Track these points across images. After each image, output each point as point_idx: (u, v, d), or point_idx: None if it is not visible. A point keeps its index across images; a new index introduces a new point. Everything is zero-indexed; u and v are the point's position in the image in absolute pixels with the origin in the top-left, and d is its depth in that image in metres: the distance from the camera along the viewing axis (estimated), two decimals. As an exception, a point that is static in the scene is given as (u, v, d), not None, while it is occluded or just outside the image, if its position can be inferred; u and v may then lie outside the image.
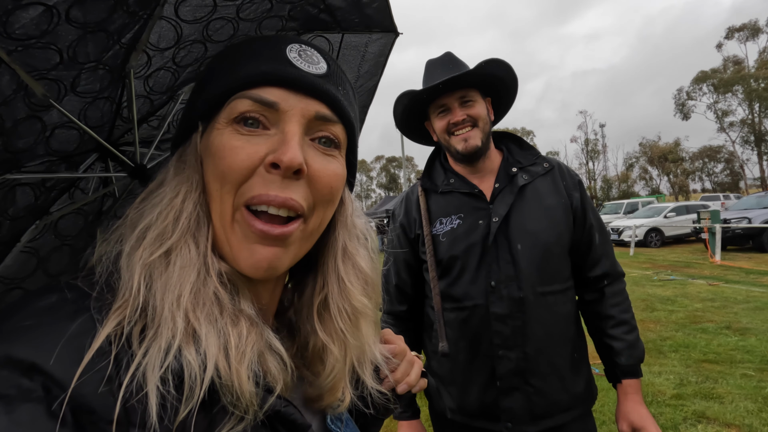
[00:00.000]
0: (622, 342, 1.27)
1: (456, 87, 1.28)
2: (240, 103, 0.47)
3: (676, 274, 9.02)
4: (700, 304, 6.38)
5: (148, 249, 0.43)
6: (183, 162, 0.49)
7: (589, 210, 1.33)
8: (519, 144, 1.43)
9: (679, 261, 11.21)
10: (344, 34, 0.98)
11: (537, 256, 1.23)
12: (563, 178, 1.34)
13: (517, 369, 1.20)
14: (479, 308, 1.23)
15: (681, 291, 7.35)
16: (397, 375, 0.66)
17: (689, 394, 3.51)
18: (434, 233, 1.33)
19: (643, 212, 17.48)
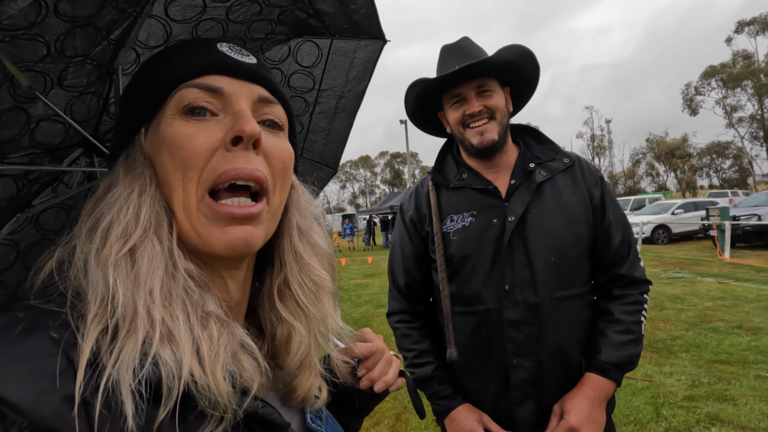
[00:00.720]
0: (607, 339, 1.15)
1: (473, 75, 1.18)
2: (186, 93, 0.48)
3: (684, 272, 8.90)
4: (710, 302, 6.27)
5: (115, 247, 0.43)
6: (131, 161, 0.48)
7: (610, 208, 1.23)
8: (537, 138, 1.33)
9: (688, 258, 11.06)
10: (333, 40, 1.00)
11: (555, 259, 1.14)
12: (584, 174, 1.25)
13: (531, 378, 1.13)
14: (492, 313, 1.15)
15: (690, 289, 7.23)
16: (374, 374, 0.67)
17: (702, 395, 3.43)
18: (444, 231, 1.24)
19: (650, 209, 17.29)
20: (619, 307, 1.19)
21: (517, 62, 1.21)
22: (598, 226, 1.21)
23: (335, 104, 1.19)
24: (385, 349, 0.70)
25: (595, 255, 1.23)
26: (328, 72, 1.08)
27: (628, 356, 1.14)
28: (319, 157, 1.33)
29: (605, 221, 1.22)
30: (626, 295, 1.20)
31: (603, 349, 1.14)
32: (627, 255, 1.22)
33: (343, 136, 1.32)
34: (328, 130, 1.26)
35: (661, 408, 3.28)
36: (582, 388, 1.12)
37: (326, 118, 1.21)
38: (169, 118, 0.47)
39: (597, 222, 1.21)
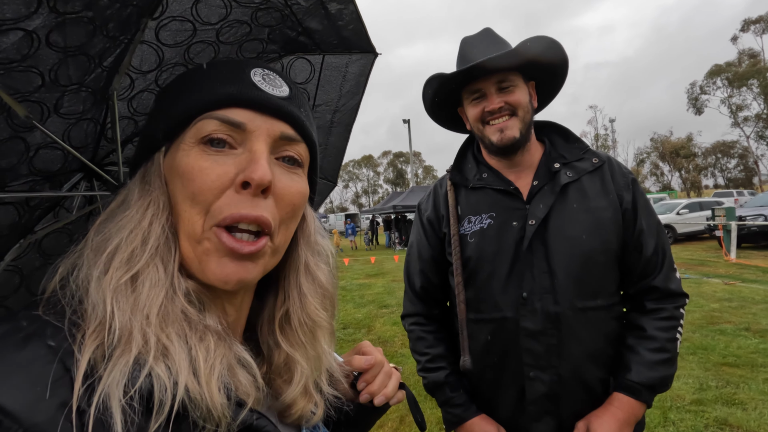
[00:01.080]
0: (639, 357, 1.06)
1: (493, 70, 1.11)
2: (207, 124, 0.48)
3: (690, 273, 8.82)
4: (717, 304, 6.21)
5: (117, 273, 0.43)
6: (147, 182, 0.49)
7: (642, 213, 1.13)
8: (565, 136, 1.24)
9: (693, 259, 10.98)
10: (325, 56, 1.01)
11: (578, 266, 1.07)
12: (614, 176, 1.16)
13: (550, 393, 1.07)
14: (508, 322, 1.09)
15: (696, 290, 7.16)
16: (374, 387, 0.66)
17: (710, 399, 3.38)
18: (462, 233, 1.18)
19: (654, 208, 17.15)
20: (652, 322, 1.09)
21: (542, 55, 1.12)
22: (628, 233, 1.12)
23: (330, 119, 1.19)
24: (384, 361, 0.70)
25: (624, 264, 1.14)
26: (322, 87, 1.08)
27: (662, 377, 1.05)
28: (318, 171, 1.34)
29: (636, 227, 1.12)
30: (660, 309, 1.11)
31: (634, 367, 1.06)
32: (661, 265, 1.12)
33: (340, 150, 1.32)
34: (325, 144, 1.26)
35: (669, 412, 3.23)
36: (609, 408, 1.05)
37: (322, 133, 1.22)
38: (187, 146, 0.48)
39: (627, 228, 1.12)
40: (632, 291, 1.15)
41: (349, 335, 5.67)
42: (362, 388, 0.67)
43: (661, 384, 1.06)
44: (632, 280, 1.14)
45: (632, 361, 1.07)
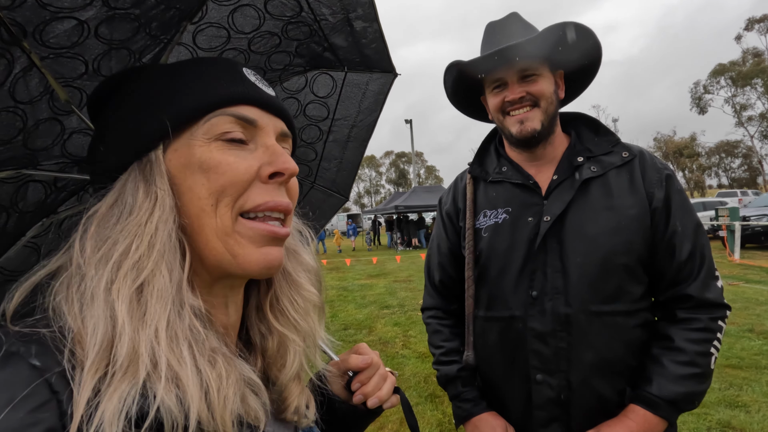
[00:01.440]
0: (662, 369, 0.96)
1: (516, 58, 1.04)
2: (221, 120, 0.48)
3: (693, 273, 8.77)
4: (720, 305, 6.16)
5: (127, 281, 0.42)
6: (151, 182, 0.47)
7: (676, 213, 1.03)
8: (594, 128, 1.15)
9: (696, 259, 10.90)
10: (347, 73, 1.04)
11: (595, 267, 1.00)
12: (645, 171, 1.06)
13: (558, 398, 1.01)
14: (516, 321, 1.05)
15: (699, 291, 7.12)
16: (369, 388, 0.66)
17: (712, 401, 3.35)
18: (477, 227, 1.15)
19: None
20: (681, 332, 0.99)
21: (569, 43, 1.05)
22: (658, 234, 1.02)
23: (348, 133, 1.22)
24: (380, 364, 0.70)
25: (655, 268, 1.04)
26: (342, 102, 1.12)
27: (687, 393, 0.95)
28: (331, 184, 1.37)
29: (669, 228, 1.02)
30: (693, 319, 1.00)
31: (655, 379, 0.97)
32: (697, 271, 1.01)
33: (355, 165, 1.35)
34: (340, 158, 1.28)
35: (671, 414, 3.21)
36: (624, 421, 0.96)
37: (339, 147, 1.24)
38: (202, 142, 0.48)
39: (658, 228, 1.02)
40: (663, 298, 1.05)
41: (350, 336, 5.66)
42: (356, 389, 0.66)
43: (686, 400, 0.96)
44: (663, 287, 1.05)
45: (654, 372, 0.98)
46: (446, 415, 3.32)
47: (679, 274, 1.02)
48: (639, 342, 1.03)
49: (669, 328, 1.02)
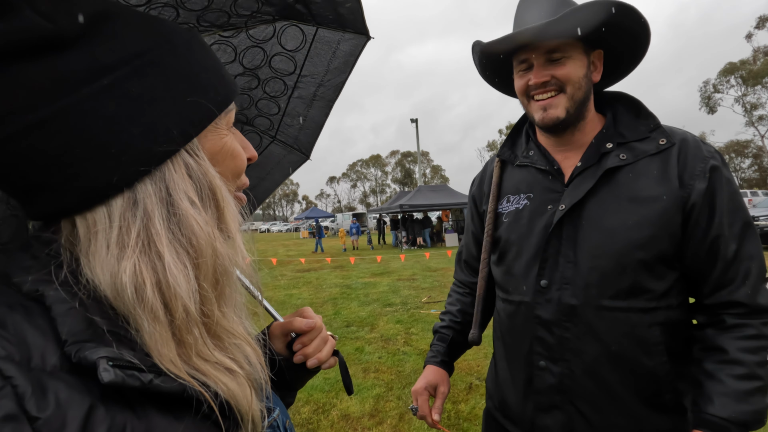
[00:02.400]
0: (722, 386, 0.86)
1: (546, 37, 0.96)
2: (232, 111, 0.52)
3: (700, 273, 8.68)
4: (726, 304, 6.10)
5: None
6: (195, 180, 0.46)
7: (721, 210, 0.92)
8: (636, 110, 1.05)
9: (704, 259, 10.79)
10: (318, 28, 1.01)
11: (608, 261, 0.95)
12: (685, 160, 0.95)
13: (560, 386, 1.00)
14: (524, 306, 1.06)
15: (705, 291, 7.05)
16: (309, 350, 0.70)
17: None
18: (499, 211, 1.16)
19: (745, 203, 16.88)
20: (735, 342, 0.89)
21: (609, 22, 0.95)
22: (699, 231, 0.93)
23: (314, 91, 1.20)
24: (322, 327, 0.74)
25: (695, 270, 0.96)
26: (311, 59, 1.09)
27: (755, 411, 0.84)
28: (294, 141, 1.35)
29: (713, 226, 0.92)
30: (744, 325, 0.90)
31: (717, 399, 0.86)
32: (746, 274, 0.91)
33: (319, 124, 1.33)
34: (304, 115, 1.27)
35: (672, 413, 3.19)
36: None
37: (303, 104, 1.23)
38: (223, 130, 0.50)
39: (698, 225, 0.93)
40: (708, 302, 0.96)
41: (353, 333, 5.68)
42: (298, 349, 0.71)
43: (756, 420, 0.85)
44: (707, 291, 0.96)
45: (714, 391, 0.87)
46: (445, 410, 3.33)
47: (724, 276, 0.92)
48: (656, 341, 0.95)
49: (719, 338, 0.92)
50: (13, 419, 0.31)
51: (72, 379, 0.36)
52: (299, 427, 3.31)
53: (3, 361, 0.33)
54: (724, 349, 0.90)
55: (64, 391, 0.35)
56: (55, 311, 0.38)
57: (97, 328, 0.39)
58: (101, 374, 0.35)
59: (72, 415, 0.34)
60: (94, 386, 0.36)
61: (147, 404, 0.39)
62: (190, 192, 0.44)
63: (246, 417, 0.45)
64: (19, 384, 0.33)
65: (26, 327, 0.37)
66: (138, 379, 0.37)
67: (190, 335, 0.42)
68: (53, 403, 0.33)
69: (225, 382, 0.44)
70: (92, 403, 0.35)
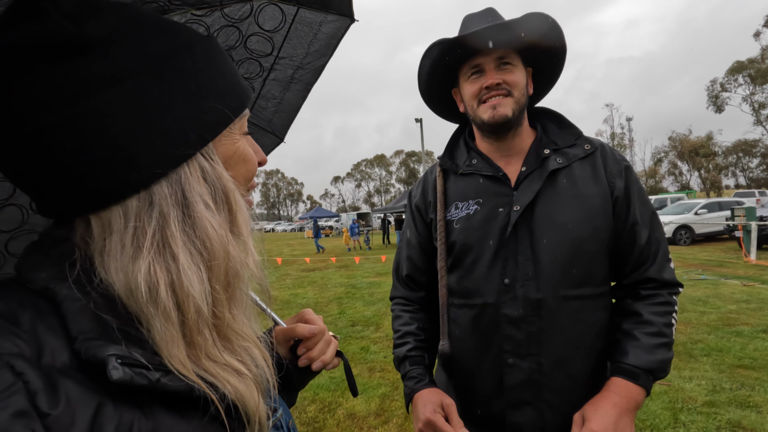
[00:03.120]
0: (636, 341, 1.03)
1: (495, 46, 1.08)
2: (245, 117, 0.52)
3: (707, 274, 8.61)
4: (734, 305, 6.05)
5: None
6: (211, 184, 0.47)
7: (636, 202, 1.10)
8: (558, 122, 1.22)
9: (711, 260, 10.71)
10: (299, 8, 0.96)
11: (564, 253, 1.05)
12: (606, 162, 1.13)
13: (529, 381, 1.05)
14: (489, 307, 1.08)
15: (713, 291, 6.99)
16: (314, 353, 0.71)
17: (723, 401, 3.30)
18: (448, 218, 1.18)
19: (672, 209, 16.80)
20: (648, 307, 1.07)
21: (543, 34, 1.09)
22: (621, 222, 1.10)
23: (291, 74, 1.15)
24: (325, 330, 0.74)
25: (618, 254, 1.12)
26: (289, 40, 1.04)
27: (660, 361, 1.02)
28: (267, 123, 1.29)
29: (630, 216, 1.10)
30: (655, 295, 1.08)
31: (631, 351, 1.02)
32: (655, 255, 1.10)
33: (295, 108, 1.29)
34: (280, 98, 1.22)
35: (680, 413, 3.17)
36: (607, 394, 0.99)
37: (280, 86, 1.17)
38: (237, 135, 0.51)
39: (620, 217, 1.10)
40: (626, 281, 1.13)
41: (358, 332, 5.69)
42: (302, 353, 0.72)
43: (660, 368, 1.02)
44: (627, 271, 1.12)
45: (629, 345, 1.04)
46: (451, 410, 3.32)
47: (640, 257, 1.10)
48: (602, 324, 1.09)
49: (635, 305, 1.09)
50: (25, 415, 0.31)
51: (81, 377, 0.36)
52: (305, 425, 3.32)
53: (15, 357, 0.34)
54: (639, 313, 1.06)
55: (74, 388, 0.35)
56: (65, 308, 0.38)
57: (107, 326, 0.39)
58: (110, 372, 0.35)
59: (81, 413, 0.34)
60: (102, 384, 0.36)
61: (154, 403, 0.39)
62: (205, 195, 0.44)
63: (253, 418, 0.46)
64: (31, 380, 0.33)
65: (37, 324, 0.37)
66: (146, 377, 0.38)
67: (201, 336, 0.43)
68: (63, 400, 0.33)
69: (233, 384, 0.44)
70: (101, 401, 0.35)
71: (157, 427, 0.38)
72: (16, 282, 0.41)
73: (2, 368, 0.33)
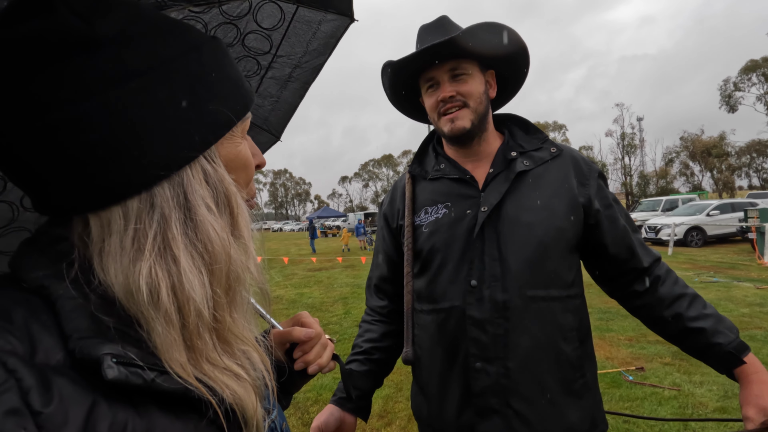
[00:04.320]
0: (710, 319, 1.05)
1: (446, 57, 1.09)
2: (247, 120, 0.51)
3: (719, 276, 8.46)
4: (747, 309, 5.93)
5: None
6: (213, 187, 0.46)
7: (612, 203, 1.15)
8: (525, 127, 1.24)
9: (723, 262, 10.52)
10: (299, 7, 0.95)
11: (530, 254, 1.05)
12: (575, 166, 1.15)
13: (496, 386, 1.03)
14: (455, 311, 1.07)
15: (725, 294, 6.86)
16: (310, 357, 0.71)
17: (735, 407, 3.22)
18: (416, 224, 1.18)
19: (683, 209, 16.58)
20: (677, 285, 1.12)
21: (494, 42, 1.10)
22: (608, 222, 1.13)
23: (289, 73, 1.14)
24: (321, 333, 0.74)
25: (613, 260, 1.14)
26: (288, 39, 1.03)
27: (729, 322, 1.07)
28: (263, 122, 1.29)
29: (615, 214, 1.14)
30: (666, 271, 1.14)
31: (720, 330, 1.04)
32: (637, 246, 1.15)
33: (292, 106, 1.28)
34: (277, 97, 1.21)
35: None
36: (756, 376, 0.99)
37: (277, 85, 1.17)
38: (238, 138, 0.50)
39: (606, 218, 1.13)
40: (625, 279, 1.17)
41: (363, 333, 5.67)
42: (298, 357, 0.72)
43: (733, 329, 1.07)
44: (628, 268, 1.16)
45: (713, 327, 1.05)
46: None
47: (629, 252, 1.14)
48: (571, 327, 1.08)
49: (672, 288, 1.11)
50: (17, 413, 0.31)
51: (75, 375, 0.36)
52: (308, 426, 3.30)
53: (7, 354, 0.33)
54: (683, 294, 1.10)
55: (68, 386, 0.34)
56: (59, 306, 0.38)
57: (103, 325, 0.39)
58: (105, 371, 0.35)
59: (75, 411, 0.33)
60: (96, 382, 0.36)
61: (149, 402, 0.39)
62: (207, 198, 0.44)
63: (251, 422, 0.46)
64: (24, 378, 0.32)
65: (31, 322, 0.37)
66: (141, 377, 0.37)
67: (201, 340, 0.42)
68: (57, 398, 0.33)
69: (232, 388, 0.44)
70: (95, 399, 0.35)
71: (151, 427, 0.38)
72: (9, 279, 0.41)
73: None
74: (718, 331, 1.04)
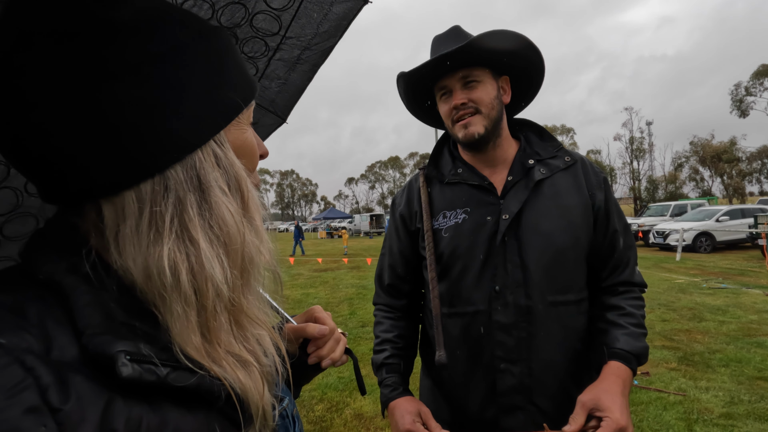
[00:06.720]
0: (624, 329, 1.08)
1: (458, 65, 1.12)
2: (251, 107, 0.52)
3: (728, 282, 8.37)
4: (756, 315, 5.86)
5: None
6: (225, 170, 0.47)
7: (614, 213, 1.18)
8: (539, 134, 1.26)
9: (732, 268, 10.40)
10: None
11: (550, 261, 1.09)
12: (586, 174, 1.18)
13: (520, 386, 1.08)
14: (481, 315, 1.10)
15: (733, 300, 6.79)
16: (324, 351, 0.72)
17: (741, 414, 3.20)
18: (436, 227, 1.19)
19: (692, 215, 16.39)
20: (627, 301, 1.15)
21: (503, 48, 1.12)
22: (602, 231, 1.16)
23: (298, 55, 1.12)
24: (335, 328, 0.75)
25: (597, 259, 1.17)
26: (298, 20, 1.01)
27: (644, 348, 1.08)
28: (269, 103, 1.27)
29: (610, 227, 1.16)
30: (631, 291, 1.17)
31: (622, 338, 1.07)
32: (627, 261, 1.18)
33: (299, 89, 1.27)
34: (284, 79, 1.20)
35: (695, 425, 3.08)
36: (612, 379, 1.00)
37: (285, 67, 1.15)
38: (244, 125, 0.50)
39: (601, 227, 1.16)
40: (604, 284, 1.19)
41: (368, 333, 5.68)
42: (312, 351, 0.73)
43: (644, 355, 1.09)
44: (604, 275, 1.19)
45: (619, 333, 1.09)
46: None
47: (618, 263, 1.18)
48: (583, 328, 1.15)
49: (614, 299, 1.16)
50: (37, 411, 0.31)
51: (90, 372, 0.36)
52: (313, 424, 3.33)
53: (24, 352, 0.33)
54: (622, 306, 1.13)
55: (84, 383, 0.34)
56: (73, 301, 0.38)
57: (116, 320, 0.39)
58: (120, 369, 0.35)
59: (92, 408, 0.34)
60: (110, 378, 0.36)
61: (161, 397, 0.39)
62: (220, 181, 0.45)
63: (256, 411, 0.45)
64: (42, 376, 0.32)
65: (45, 317, 0.37)
66: (155, 373, 0.38)
67: (217, 321, 0.43)
68: (74, 395, 0.33)
69: (239, 375, 0.44)
70: (110, 396, 0.35)
71: (164, 421, 0.38)
72: (20, 271, 0.41)
73: (13, 364, 0.32)
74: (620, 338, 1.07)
